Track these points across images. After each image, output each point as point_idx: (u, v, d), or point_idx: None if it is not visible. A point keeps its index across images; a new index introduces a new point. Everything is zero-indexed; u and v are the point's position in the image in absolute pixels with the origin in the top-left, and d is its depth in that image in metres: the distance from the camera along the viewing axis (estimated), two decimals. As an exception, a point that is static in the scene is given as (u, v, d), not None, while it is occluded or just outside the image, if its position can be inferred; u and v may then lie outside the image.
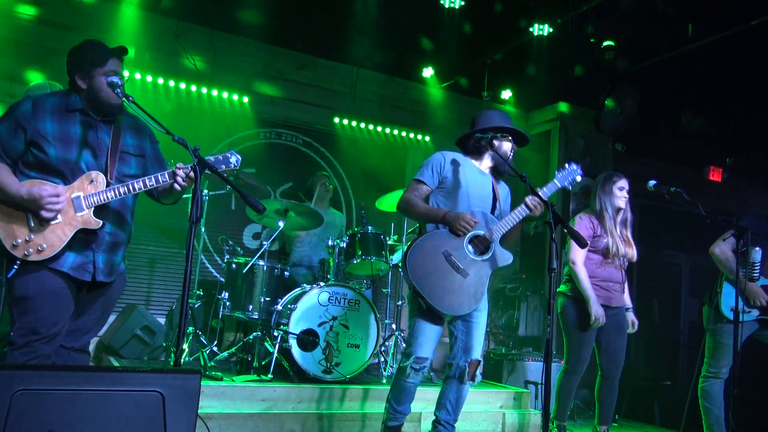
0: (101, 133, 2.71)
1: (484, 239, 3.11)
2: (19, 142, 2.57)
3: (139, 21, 5.40)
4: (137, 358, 4.73)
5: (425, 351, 3.19)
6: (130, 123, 2.84)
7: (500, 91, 6.76)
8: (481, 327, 3.26)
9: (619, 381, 4.14)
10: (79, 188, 2.61)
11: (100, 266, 2.69)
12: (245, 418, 3.69)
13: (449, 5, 5.20)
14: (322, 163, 6.33)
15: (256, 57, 6.01)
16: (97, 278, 2.68)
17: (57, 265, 2.59)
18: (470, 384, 3.29)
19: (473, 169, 3.31)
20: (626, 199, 4.04)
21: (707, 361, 4.12)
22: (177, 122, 5.09)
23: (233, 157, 2.78)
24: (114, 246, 2.76)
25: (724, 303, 4.05)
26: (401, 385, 3.25)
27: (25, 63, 5.08)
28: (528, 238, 6.95)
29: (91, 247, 2.67)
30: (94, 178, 2.64)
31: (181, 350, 2.37)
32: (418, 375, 3.22)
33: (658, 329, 7.06)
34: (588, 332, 3.95)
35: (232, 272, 4.68)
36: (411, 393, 3.29)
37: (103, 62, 2.67)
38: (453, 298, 3.06)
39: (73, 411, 1.98)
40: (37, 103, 2.62)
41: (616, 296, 4.01)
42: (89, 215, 2.61)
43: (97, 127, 2.71)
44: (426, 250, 3.08)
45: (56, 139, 2.60)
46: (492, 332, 6.64)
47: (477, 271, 3.10)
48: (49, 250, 2.55)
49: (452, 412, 3.27)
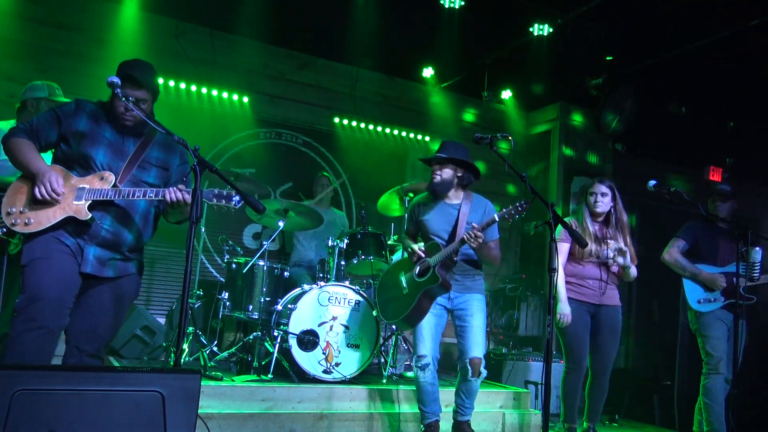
0: (128, 142, 2.88)
1: (427, 264, 3.61)
2: (53, 131, 2.80)
3: (139, 21, 5.40)
4: (137, 358, 4.73)
5: (422, 349, 3.61)
6: (162, 139, 2.96)
7: (500, 91, 6.76)
8: (474, 329, 3.62)
9: (619, 381, 4.16)
10: (89, 182, 2.75)
11: (89, 258, 2.73)
12: (245, 418, 3.69)
13: (449, 5, 5.20)
14: (322, 163, 6.33)
15: (256, 57, 6.01)
16: (84, 269, 2.72)
17: (62, 236, 2.69)
18: (477, 379, 3.63)
19: (437, 206, 3.77)
20: (604, 203, 4.12)
21: (703, 359, 4.22)
22: (177, 122, 5.06)
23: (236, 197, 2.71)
24: (112, 244, 2.79)
25: (690, 299, 4.26)
26: (418, 386, 3.70)
27: (25, 63, 5.08)
28: (528, 238, 6.95)
29: (83, 238, 2.73)
30: (105, 177, 2.77)
31: (181, 350, 2.38)
32: (426, 373, 3.61)
33: (658, 329, 7.05)
34: (576, 330, 4.05)
35: (232, 272, 4.67)
36: (429, 392, 3.67)
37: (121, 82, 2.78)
38: (391, 308, 3.74)
39: (73, 411, 1.98)
40: (80, 105, 2.86)
41: (591, 293, 4.09)
42: (83, 206, 2.70)
43: (125, 137, 2.88)
44: (390, 271, 3.88)
45: (85, 136, 2.79)
46: (492, 332, 6.64)
47: (413, 289, 3.62)
48: (35, 225, 2.67)
49: (465, 399, 3.71)
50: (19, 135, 2.76)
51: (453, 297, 3.66)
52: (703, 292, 4.24)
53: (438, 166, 3.72)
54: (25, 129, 2.78)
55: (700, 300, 4.23)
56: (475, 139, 3.31)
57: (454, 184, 3.72)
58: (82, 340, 2.76)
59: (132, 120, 2.82)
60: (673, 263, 4.35)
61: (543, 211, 3.15)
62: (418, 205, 3.87)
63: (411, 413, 4.14)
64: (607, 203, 4.12)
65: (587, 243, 4.03)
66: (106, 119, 2.86)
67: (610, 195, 4.13)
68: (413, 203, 3.92)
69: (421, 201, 3.86)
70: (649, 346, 7.09)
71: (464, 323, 3.64)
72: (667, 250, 4.40)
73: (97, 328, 2.79)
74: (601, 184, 4.15)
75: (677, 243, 4.38)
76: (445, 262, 3.55)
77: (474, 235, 3.38)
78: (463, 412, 3.73)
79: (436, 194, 3.75)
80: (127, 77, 2.78)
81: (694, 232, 4.38)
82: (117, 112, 2.81)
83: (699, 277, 4.25)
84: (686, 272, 4.30)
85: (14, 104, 3.97)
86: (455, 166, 3.70)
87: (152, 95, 2.90)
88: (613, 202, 4.13)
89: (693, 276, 4.28)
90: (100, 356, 2.85)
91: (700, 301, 4.23)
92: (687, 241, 4.37)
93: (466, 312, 3.65)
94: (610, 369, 4.15)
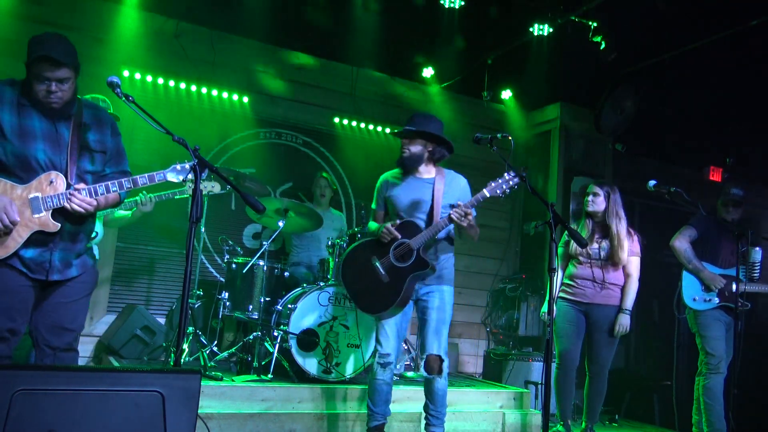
0: (60, 128, 2.60)
1: (408, 247, 3.34)
2: None
3: (139, 21, 5.40)
4: (137, 358, 4.73)
5: (387, 347, 3.42)
6: (91, 115, 2.72)
7: (500, 91, 6.76)
8: (432, 323, 3.44)
9: (619, 381, 4.16)
10: (37, 188, 2.52)
11: (56, 264, 2.60)
12: (245, 418, 3.69)
13: (449, 5, 5.20)
14: (322, 163, 6.33)
15: (256, 57, 6.01)
16: (51, 277, 2.59)
17: (14, 262, 2.51)
18: (438, 378, 3.42)
19: (406, 181, 3.56)
20: (596, 204, 4.17)
21: (702, 359, 4.21)
22: (177, 122, 5.09)
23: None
24: (72, 241, 2.67)
25: (685, 294, 4.26)
26: (372, 383, 3.48)
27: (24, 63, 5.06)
28: (528, 238, 6.95)
29: (49, 247, 2.58)
30: (54, 179, 2.54)
31: (181, 350, 2.37)
32: (385, 371, 3.43)
33: (658, 329, 7.05)
34: (563, 328, 4.17)
35: (232, 272, 4.67)
36: (383, 392, 3.47)
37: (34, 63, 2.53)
38: (369, 300, 3.41)
39: (73, 411, 1.98)
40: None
41: (582, 293, 4.14)
42: (47, 217, 2.53)
43: (56, 122, 2.59)
44: (356, 257, 3.49)
45: (13, 132, 2.50)
46: (492, 332, 6.64)
47: (396, 276, 3.35)
48: (3, 251, 2.48)
49: (430, 404, 3.50)
50: None
51: (418, 287, 3.49)
52: (700, 290, 4.22)
53: (407, 140, 3.50)
54: None
55: (695, 297, 4.23)
56: (475, 139, 3.32)
57: (424, 158, 3.51)
58: (52, 338, 2.63)
59: (59, 102, 2.53)
60: (682, 252, 4.29)
61: (543, 211, 3.15)
62: (386, 181, 3.63)
63: (411, 413, 4.15)
64: (599, 204, 4.16)
65: (587, 243, 4.05)
66: (30, 104, 2.54)
67: (603, 196, 4.17)
68: (381, 180, 3.66)
69: (390, 177, 3.64)
70: (649, 346, 7.09)
71: (426, 317, 3.46)
72: (677, 236, 4.34)
73: (64, 323, 2.66)
74: (596, 186, 4.25)
75: (688, 231, 4.33)
76: (429, 243, 3.38)
77: (464, 213, 3.22)
78: (433, 423, 3.46)
79: (405, 169, 3.56)
80: (42, 58, 2.47)
81: (705, 225, 4.32)
82: (39, 96, 2.52)
83: (701, 274, 4.23)
84: (690, 265, 4.27)
85: None
86: (425, 140, 3.49)
87: (74, 71, 2.57)
88: (606, 203, 4.16)
89: (695, 271, 4.25)
90: (74, 348, 2.72)
91: (695, 299, 4.23)
92: (698, 231, 4.31)
93: (428, 305, 3.47)
94: (607, 369, 4.17)
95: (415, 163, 3.51)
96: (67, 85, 2.56)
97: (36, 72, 2.51)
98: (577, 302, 4.16)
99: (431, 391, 3.46)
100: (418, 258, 3.33)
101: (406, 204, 3.50)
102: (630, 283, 4.16)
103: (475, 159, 6.87)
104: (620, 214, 4.17)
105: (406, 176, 3.57)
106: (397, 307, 3.41)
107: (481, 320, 6.84)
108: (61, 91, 2.54)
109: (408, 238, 3.35)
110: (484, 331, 6.77)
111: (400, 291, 3.33)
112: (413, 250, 3.34)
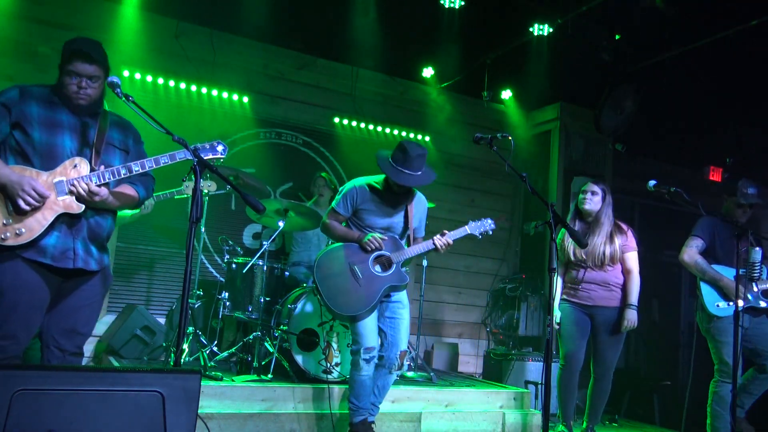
0: (87, 124, 2.72)
1: (389, 259, 3.56)
2: (4, 123, 2.57)
3: (139, 21, 5.39)
4: (137, 358, 4.73)
5: (371, 341, 3.53)
6: (116, 120, 2.85)
7: (500, 91, 6.76)
8: (405, 322, 3.64)
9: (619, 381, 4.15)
10: (61, 173, 2.60)
11: (80, 253, 2.65)
12: (245, 418, 3.69)
13: (449, 5, 5.19)
14: (322, 163, 6.33)
15: (256, 57, 6.01)
16: (77, 264, 2.63)
17: (36, 255, 2.55)
18: (396, 373, 3.71)
19: (385, 195, 3.64)
20: (593, 202, 4.14)
21: (716, 366, 4.08)
22: (177, 122, 5.07)
23: (219, 146, 2.84)
24: (94, 234, 2.71)
25: (707, 302, 4.08)
26: (357, 379, 3.56)
27: (25, 63, 5.07)
28: (528, 238, 6.95)
29: (72, 233, 2.63)
30: (78, 163, 2.63)
31: (181, 350, 2.37)
32: (370, 365, 3.54)
33: (658, 329, 7.06)
34: (568, 329, 4.13)
35: (232, 272, 4.67)
36: (367, 386, 3.58)
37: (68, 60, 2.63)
38: (343, 299, 3.50)
39: (73, 411, 1.98)
40: (24, 90, 2.64)
41: (587, 296, 4.12)
42: (71, 199, 2.59)
43: (82, 118, 2.71)
44: (334, 257, 3.57)
45: (41, 123, 2.60)
46: (492, 332, 6.64)
47: (373, 283, 3.51)
48: (28, 234, 2.52)
49: (378, 396, 3.67)
50: None
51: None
52: (721, 298, 4.04)
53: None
54: None
55: (718, 304, 4.03)
56: (475, 139, 3.32)
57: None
58: (63, 341, 2.67)
59: (86, 98, 2.65)
60: (693, 265, 4.13)
61: (543, 211, 3.15)
62: (361, 190, 3.64)
63: (411, 413, 4.15)
64: (596, 202, 4.14)
65: (587, 243, 4.04)
66: (60, 102, 2.67)
67: (601, 195, 4.15)
68: (353, 186, 3.66)
69: (366, 187, 3.65)
70: (649, 346, 7.09)
71: (398, 316, 3.62)
72: (685, 250, 4.18)
73: (77, 327, 2.71)
74: (594, 184, 4.20)
75: (695, 242, 4.16)
76: (407, 261, 3.60)
77: (447, 243, 3.52)
78: (372, 411, 3.66)
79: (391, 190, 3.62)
80: (76, 52, 2.60)
81: (711, 231, 4.17)
82: (69, 92, 2.63)
83: (719, 283, 4.04)
84: (705, 276, 4.10)
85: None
86: None
87: (105, 72, 2.69)
88: (602, 203, 4.14)
89: (713, 281, 4.07)
90: (81, 352, 2.78)
91: (719, 305, 4.03)
92: (704, 239, 4.16)
93: (400, 305, 3.65)
94: (611, 371, 4.15)
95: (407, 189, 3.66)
96: (97, 83, 2.67)
97: (68, 68, 2.62)
98: (580, 305, 4.14)
99: (386, 385, 3.67)
100: (398, 272, 3.55)
101: (374, 221, 3.64)
102: (632, 278, 4.11)
103: (475, 159, 6.89)
104: (610, 215, 4.15)
105: (383, 192, 3.64)
106: (366, 314, 3.54)
107: (481, 320, 6.84)
108: (90, 88, 2.64)
109: (390, 252, 3.56)
110: (484, 331, 6.77)
111: (375, 297, 3.50)
112: (393, 264, 3.55)
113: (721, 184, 7.14)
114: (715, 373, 4.09)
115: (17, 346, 2.54)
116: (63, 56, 2.65)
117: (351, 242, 3.59)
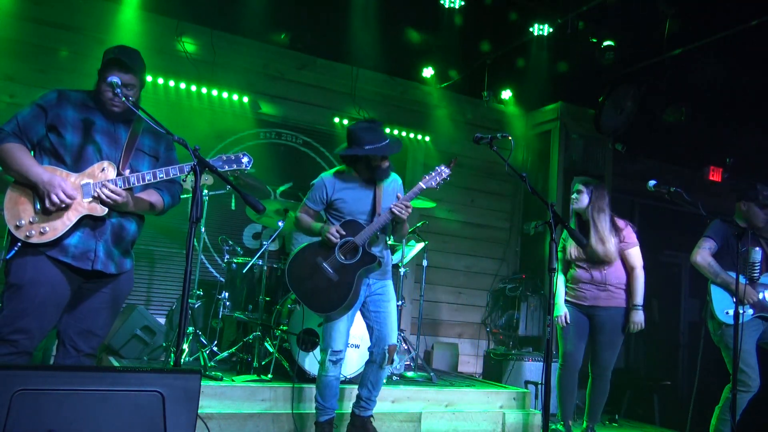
0: (119, 129, 2.80)
1: (353, 244, 3.43)
2: (40, 126, 2.66)
3: (139, 21, 5.40)
4: (137, 358, 4.73)
5: (339, 343, 3.50)
6: (149, 128, 2.89)
7: (500, 91, 6.76)
8: (391, 315, 3.57)
9: (619, 381, 4.14)
10: (89, 175, 2.67)
11: (101, 256, 2.69)
12: (245, 418, 3.69)
13: (449, 5, 5.19)
14: (322, 163, 6.33)
15: (256, 57, 6.01)
16: (96, 267, 2.67)
17: (58, 254, 2.60)
18: (389, 367, 3.64)
19: (353, 183, 3.58)
20: (579, 201, 4.16)
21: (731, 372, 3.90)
22: (177, 122, 5.09)
23: (245, 157, 2.82)
24: (117, 238, 2.76)
25: (717, 309, 4.01)
26: (323, 380, 3.53)
27: (25, 63, 5.07)
28: (528, 238, 6.95)
29: (95, 235, 2.68)
30: (106, 167, 2.70)
31: (181, 350, 2.37)
32: (336, 367, 3.52)
33: (658, 329, 7.05)
34: (565, 328, 4.13)
35: (232, 272, 4.68)
36: (333, 387, 3.56)
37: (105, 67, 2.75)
38: (320, 299, 3.43)
39: (73, 411, 1.98)
40: (62, 94, 2.74)
41: (583, 296, 4.14)
42: (96, 202, 2.65)
43: (116, 124, 2.79)
44: (302, 259, 3.51)
45: (76, 126, 2.69)
46: (492, 332, 6.64)
47: (345, 273, 3.42)
48: (51, 233, 2.58)
49: (372, 391, 3.62)
50: (8, 140, 2.60)
51: (371, 282, 3.55)
52: (732, 303, 3.92)
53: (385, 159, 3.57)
54: (12, 131, 2.62)
55: (727, 311, 3.95)
56: (475, 139, 3.32)
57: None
58: (80, 342, 2.72)
59: (120, 105, 2.71)
60: (706, 267, 4.05)
61: (543, 211, 3.15)
62: (330, 180, 3.58)
63: (411, 413, 4.15)
64: (583, 201, 4.15)
65: (586, 243, 4.04)
66: (95, 107, 2.76)
67: (586, 193, 4.15)
68: (321, 178, 3.62)
69: (338, 177, 3.60)
70: (649, 346, 7.09)
71: (382, 309, 3.55)
72: (697, 251, 4.10)
73: (94, 329, 2.76)
74: (580, 183, 4.20)
75: (707, 244, 4.08)
76: (372, 239, 3.45)
77: (405, 205, 3.36)
78: (368, 406, 3.63)
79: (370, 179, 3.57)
80: (114, 61, 2.71)
81: (723, 233, 4.08)
82: (105, 98, 2.72)
83: (731, 287, 3.92)
84: (717, 279, 4.02)
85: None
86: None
87: (140, 82, 2.81)
88: (589, 198, 4.14)
89: (725, 285, 3.99)
90: (96, 354, 2.84)
91: (728, 312, 3.95)
92: (717, 241, 4.08)
93: (384, 297, 3.56)
94: (609, 370, 4.14)
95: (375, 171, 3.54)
96: (132, 92, 2.75)
97: (105, 75, 2.69)
98: (579, 305, 4.16)
99: (379, 380, 3.60)
100: (365, 253, 3.42)
101: (352, 208, 3.55)
102: (635, 276, 4.08)
103: (475, 159, 6.88)
104: (602, 207, 4.11)
105: (352, 178, 3.59)
106: (349, 305, 3.46)
107: (481, 320, 6.84)
108: (125, 96, 2.68)
109: (352, 236, 3.43)
110: (484, 331, 6.78)
111: (351, 286, 3.39)
112: (359, 247, 3.42)
113: (721, 184, 7.14)
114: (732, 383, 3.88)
115: (30, 341, 2.57)
116: (102, 63, 2.75)
117: (314, 236, 3.55)
